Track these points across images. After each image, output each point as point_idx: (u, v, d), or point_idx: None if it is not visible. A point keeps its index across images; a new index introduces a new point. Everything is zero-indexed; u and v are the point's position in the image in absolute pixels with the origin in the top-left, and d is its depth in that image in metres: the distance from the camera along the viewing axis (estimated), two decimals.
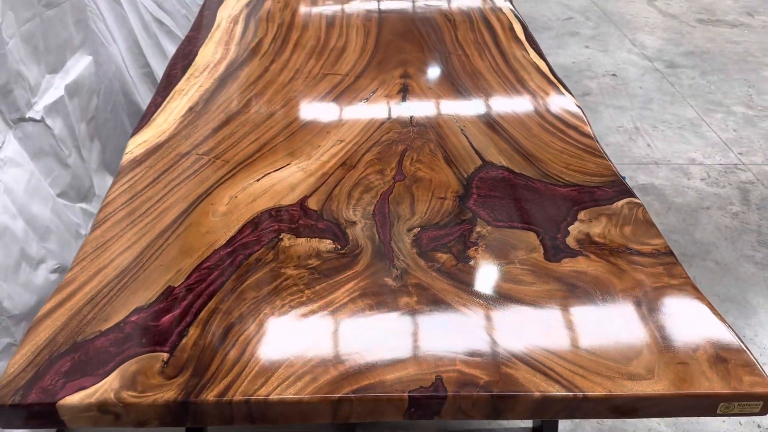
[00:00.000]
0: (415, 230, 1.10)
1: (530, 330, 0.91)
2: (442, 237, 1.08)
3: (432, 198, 1.18)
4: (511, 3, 2.09)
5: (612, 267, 1.02)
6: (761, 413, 0.87)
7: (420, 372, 0.85)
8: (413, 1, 2.07)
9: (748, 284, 2.15)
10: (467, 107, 1.47)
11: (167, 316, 0.92)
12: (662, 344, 0.90)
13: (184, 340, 0.88)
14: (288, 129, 1.37)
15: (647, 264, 1.03)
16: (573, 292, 0.98)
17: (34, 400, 0.81)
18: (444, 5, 2.05)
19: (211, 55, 1.67)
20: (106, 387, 0.82)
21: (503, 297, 0.97)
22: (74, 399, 0.81)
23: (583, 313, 0.94)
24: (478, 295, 0.97)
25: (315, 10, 1.99)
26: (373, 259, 1.03)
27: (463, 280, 1.00)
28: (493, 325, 0.92)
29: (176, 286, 0.97)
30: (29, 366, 0.85)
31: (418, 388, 0.83)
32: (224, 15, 1.92)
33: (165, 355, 0.86)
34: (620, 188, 1.21)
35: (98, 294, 0.96)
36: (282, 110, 1.44)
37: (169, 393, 0.82)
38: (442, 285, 0.99)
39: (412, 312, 0.94)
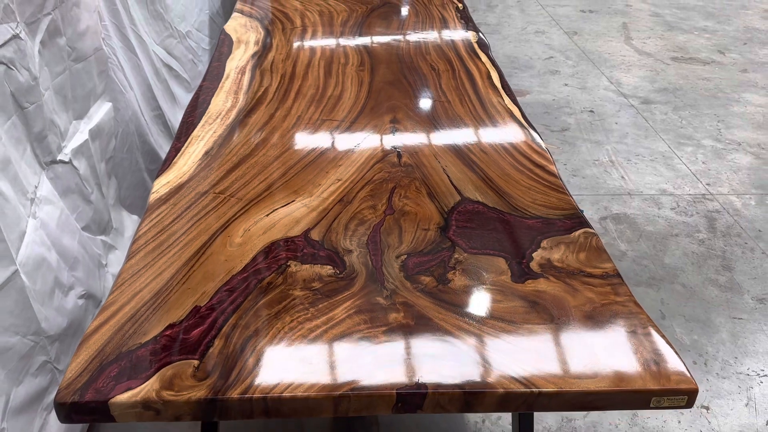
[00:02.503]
0: (403, 257, 1.29)
1: (497, 339, 1.10)
2: (425, 263, 1.28)
3: (417, 229, 1.37)
4: (489, 51, 2.32)
5: (567, 287, 1.22)
6: (687, 406, 1.06)
7: (406, 373, 1.04)
8: (401, 37, 2.30)
9: (712, 305, 2.34)
10: (448, 148, 1.68)
11: (196, 331, 1.10)
12: (606, 350, 1.09)
13: (210, 350, 1.07)
14: (292, 170, 1.57)
15: (597, 284, 1.23)
16: (534, 308, 1.17)
17: (91, 398, 0.99)
18: (421, 42, 2.27)
19: (222, 103, 1.88)
20: (149, 388, 1.00)
21: (476, 312, 1.16)
22: (123, 397, 0.99)
23: (541, 325, 1.13)
24: (455, 311, 1.16)
25: (313, 60, 2.21)
26: (367, 281, 1.22)
27: (442, 299, 1.19)
28: (466, 336, 1.11)
29: (202, 305, 1.16)
30: (84, 372, 1.03)
31: (404, 386, 1.02)
32: (232, 66, 2.13)
33: (196, 362, 1.05)
34: (578, 220, 1.41)
35: (137, 313, 1.14)
36: (286, 153, 1.65)
37: (200, 392, 1.00)
38: (425, 303, 1.18)
39: (400, 326, 1.13)
